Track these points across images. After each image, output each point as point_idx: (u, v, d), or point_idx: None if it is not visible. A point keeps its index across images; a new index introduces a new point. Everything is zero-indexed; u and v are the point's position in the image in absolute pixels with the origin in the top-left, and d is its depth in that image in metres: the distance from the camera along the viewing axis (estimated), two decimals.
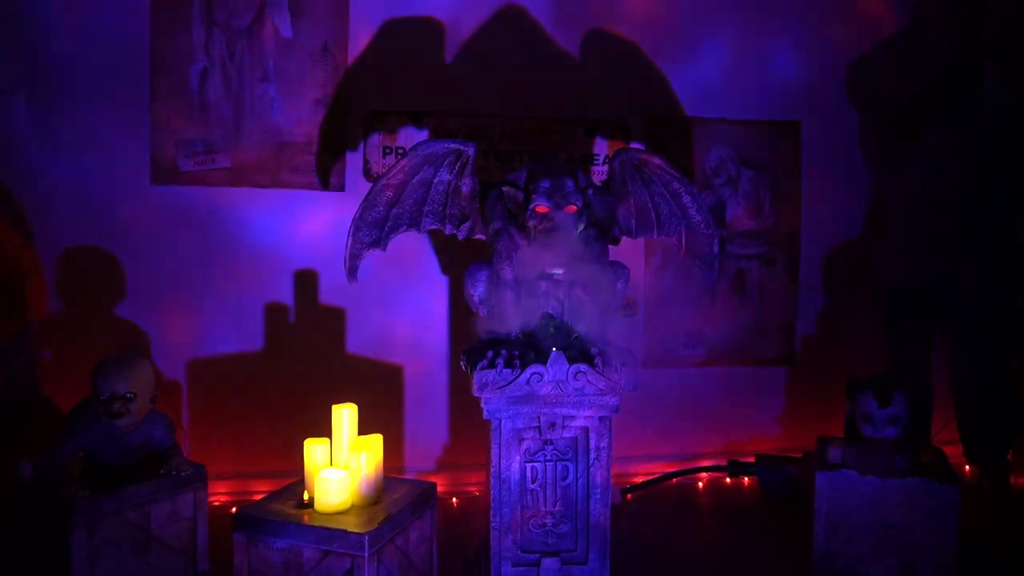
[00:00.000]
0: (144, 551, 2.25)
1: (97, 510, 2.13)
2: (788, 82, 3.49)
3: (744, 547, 2.80)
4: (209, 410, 3.14)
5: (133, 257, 3.05)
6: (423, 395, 3.30)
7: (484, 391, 2.04)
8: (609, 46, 3.32)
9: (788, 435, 3.58)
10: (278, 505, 2.08)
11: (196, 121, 3.05)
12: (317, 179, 3.14)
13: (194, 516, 2.38)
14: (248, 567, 2.00)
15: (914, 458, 2.41)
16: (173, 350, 3.07)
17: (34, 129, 2.92)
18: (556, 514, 2.15)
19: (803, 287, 3.60)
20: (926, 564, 2.37)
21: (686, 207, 2.32)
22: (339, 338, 3.23)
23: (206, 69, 3.04)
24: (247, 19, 3.05)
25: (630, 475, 3.42)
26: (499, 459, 2.10)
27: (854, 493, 2.41)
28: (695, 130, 3.45)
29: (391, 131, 3.18)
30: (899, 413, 2.38)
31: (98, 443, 2.27)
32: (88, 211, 2.99)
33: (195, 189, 3.07)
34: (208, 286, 3.11)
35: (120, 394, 2.22)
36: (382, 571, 1.97)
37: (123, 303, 3.06)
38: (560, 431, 2.11)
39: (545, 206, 2.03)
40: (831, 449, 2.48)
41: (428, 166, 2.23)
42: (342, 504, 2.04)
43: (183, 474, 2.33)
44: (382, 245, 2.29)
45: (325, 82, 3.12)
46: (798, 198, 3.58)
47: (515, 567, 2.13)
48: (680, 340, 3.53)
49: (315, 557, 1.95)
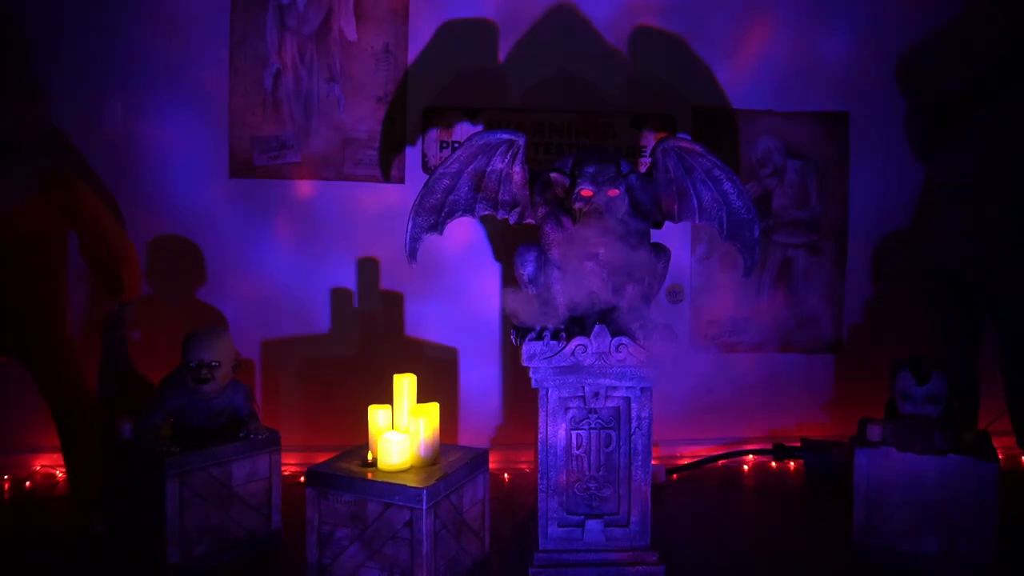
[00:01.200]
0: (227, 505, 2.49)
1: (186, 465, 2.38)
2: (836, 73, 3.54)
3: (786, 525, 2.88)
4: (280, 387, 3.39)
5: (212, 245, 3.33)
6: (477, 376, 3.49)
7: (532, 361, 2.20)
8: (656, 41, 3.44)
9: (835, 423, 3.62)
10: (345, 464, 2.29)
11: (269, 119, 3.31)
12: (379, 172, 3.37)
13: (269, 476, 2.62)
14: (319, 518, 2.21)
15: (955, 437, 2.45)
16: (248, 331, 3.33)
17: (128, 130, 3.24)
18: (600, 479, 2.29)
19: (850, 276, 3.63)
20: (969, 542, 2.40)
21: (727, 193, 2.43)
22: (398, 321, 3.44)
23: (279, 71, 3.30)
24: (315, 24, 3.29)
25: (675, 458, 3.53)
26: (546, 426, 2.26)
27: (893, 470, 2.47)
28: (741, 122, 3.53)
29: (447, 126, 3.38)
30: (938, 392, 2.43)
31: (186, 408, 2.53)
32: (173, 203, 3.29)
33: (268, 182, 3.34)
34: (279, 271, 3.37)
35: (207, 362, 2.47)
36: (438, 524, 2.15)
37: (203, 288, 3.34)
38: (603, 401, 2.25)
39: (589, 190, 2.17)
40: (871, 427, 2.54)
41: (482, 155, 2.40)
42: (402, 464, 2.23)
43: (260, 437, 2.57)
44: (439, 229, 2.48)
45: (386, 81, 3.34)
46: (846, 188, 3.62)
47: (560, 527, 2.28)
48: (726, 327, 3.61)
49: (378, 510, 2.14)
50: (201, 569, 2.42)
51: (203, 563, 2.43)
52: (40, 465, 3.27)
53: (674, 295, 3.56)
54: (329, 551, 2.20)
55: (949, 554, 2.41)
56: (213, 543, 2.46)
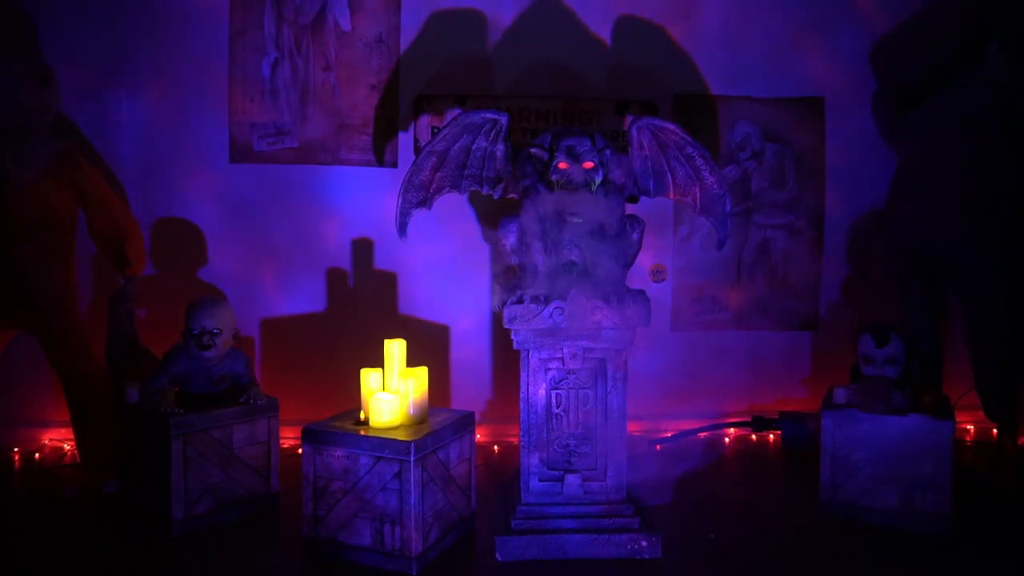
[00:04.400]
0: (228, 466, 2.64)
1: (189, 426, 2.53)
2: (812, 61, 3.68)
3: (761, 489, 3.02)
4: (278, 363, 3.54)
5: (213, 227, 3.48)
6: (467, 353, 3.63)
7: (513, 324, 2.34)
8: (639, 30, 3.59)
9: (812, 398, 3.75)
10: (338, 423, 2.43)
11: (267, 106, 3.46)
12: (373, 156, 3.52)
13: (268, 440, 2.76)
14: (314, 472, 2.36)
15: (915, 398, 2.59)
16: (247, 310, 3.46)
17: (132, 116, 3.39)
18: (578, 436, 2.43)
19: (827, 255, 3.78)
20: (924, 496, 2.55)
21: (700, 169, 2.57)
22: (392, 300, 3.59)
23: (277, 60, 3.45)
24: (311, 15, 3.45)
25: (659, 431, 3.66)
26: (527, 386, 2.41)
27: (857, 430, 2.61)
28: (720, 107, 3.68)
29: (438, 113, 3.53)
30: (896, 354, 2.57)
31: (189, 374, 2.68)
32: (175, 186, 3.44)
33: (267, 167, 3.49)
34: (277, 252, 3.51)
35: (208, 329, 2.62)
36: (425, 476, 2.29)
37: (205, 268, 3.49)
38: (581, 361, 2.40)
39: (566, 162, 2.32)
40: (836, 391, 2.69)
41: (467, 134, 2.55)
42: (392, 422, 2.38)
43: (259, 403, 2.72)
44: (428, 205, 2.62)
45: (379, 70, 3.49)
46: (822, 171, 3.76)
47: (541, 482, 2.43)
48: (707, 305, 3.76)
49: (369, 463, 2.29)
50: (203, 524, 2.57)
51: (205, 519, 2.57)
52: (49, 439, 3.42)
53: (657, 274, 3.70)
54: (324, 503, 2.35)
55: (908, 507, 2.55)
56: (214, 501, 2.60)
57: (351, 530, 2.31)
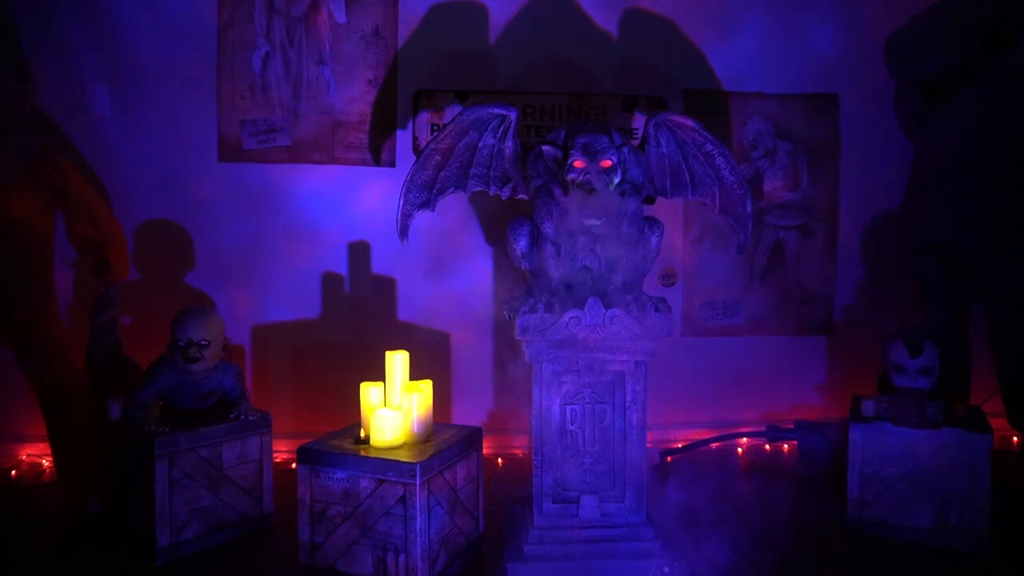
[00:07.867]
0: (217, 487, 2.46)
1: (175, 446, 2.35)
2: (826, 55, 3.54)
3: (781, 504, 2.87)
4: (270, 373, 3.36)
5: (201, 230, 3.30)
6: (469, 361, 3.47)
7: (526, 334, 2.18)
8: (647, 23, 3.43)
9: (827, 404, 3.62)
10: (337, 441, 2.27)
11: (258, 103, 3.28)
12: (369, 155, 3.34)
13: (260, 459, 2.59)
14: (311, 495, 2.19)
15: (948, 410, 2.45)
16: (237, 316, 3.29)
17: (115, 112, 3.20)
18: (594, 454, 2.28)
19: (842, 257, 3.64)
20: (961, 514, 2.41)
21: (719, 168, 2.43)
22: (391, 306, 3.42)
23: (268, 54, 3.27)
24: (304, 6, 3.27)
25: (670, 441, 3.52)
26: (540, 401, 2.25)
27: (887, 444, 2.47)
28: (732, 104, 3.53)
29: (438, 109, 3.36)
30: (931, 364, 2.43)
31: (175, 388, 2.50)
32: (161, 187, 3.26)
33: (258, 166, 3.31)
34: (270, 256, 3.34)
35: (196, 340, 2.44)
36: (432, 500, 2.13)
37: (192, 272, 3.31)
38: (597, 375, 2.24)
39: (582, 161, 2.16)
40: (865, 402, 2.55)
41: (473, 131, 2.39)
42: (395, 440, 2.21)
43: (251, 419, 2.54)
44: (431, 206, 2.45)
45: (376, 64, 3.32)
46: (837, 170, 3.62)
47: (555, 503, 2.27)
48: (719, 309, 3.61)
49: (371, 486, 2.12)
50: (191, 551, 2.39)
51: (193, 545, 2.40)
52: (26, 454, 3.22)
53: (667, 278, 3.55)
54: (322, 529, 2.18)
55: (942, 525, 2.41)
56: (203, 525, 2.43)
57: (352, 558, 2.15)
